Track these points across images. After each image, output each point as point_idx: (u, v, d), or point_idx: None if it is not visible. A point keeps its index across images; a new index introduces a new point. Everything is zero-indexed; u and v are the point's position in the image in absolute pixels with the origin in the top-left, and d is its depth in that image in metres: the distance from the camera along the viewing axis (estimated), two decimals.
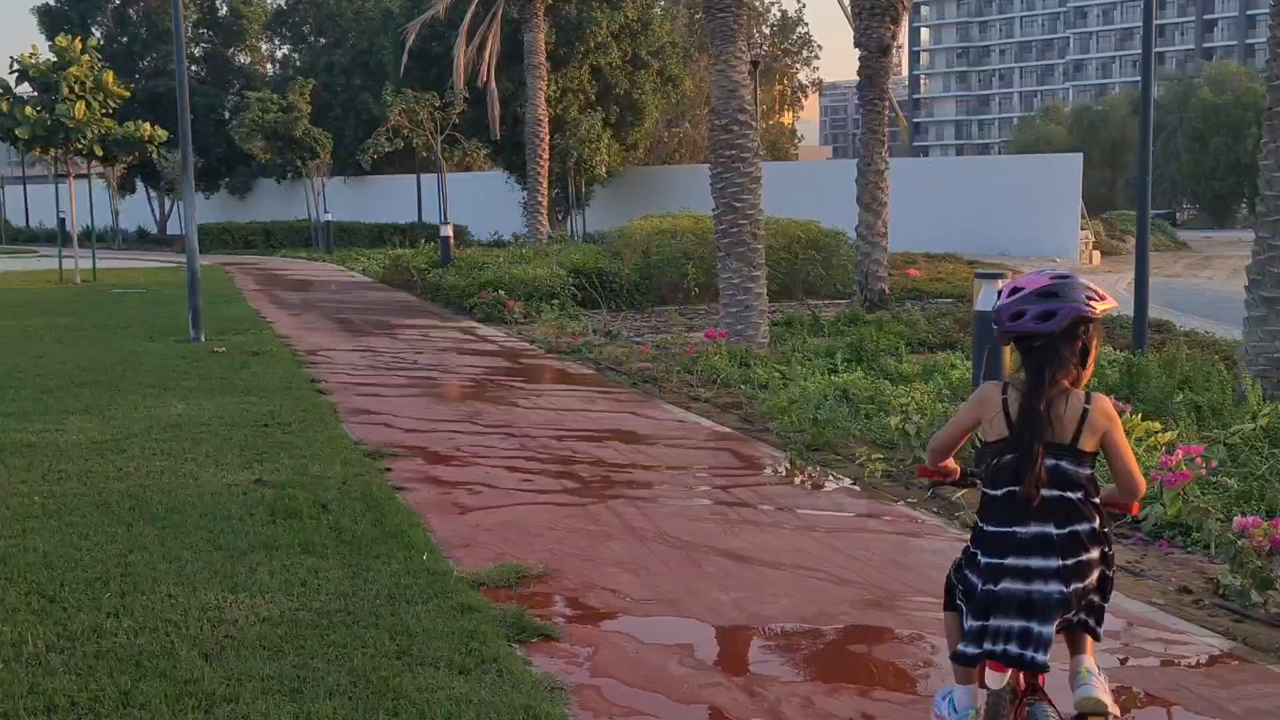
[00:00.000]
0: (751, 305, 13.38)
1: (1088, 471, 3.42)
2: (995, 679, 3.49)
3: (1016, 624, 3.40)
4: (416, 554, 5.99)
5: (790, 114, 69.17)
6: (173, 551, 5.95)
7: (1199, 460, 6.50)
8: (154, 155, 26.22)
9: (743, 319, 13.36)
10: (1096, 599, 3.50)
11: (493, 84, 32.34)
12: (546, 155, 31.27)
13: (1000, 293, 3.52)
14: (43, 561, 5.75)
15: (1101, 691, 3.49)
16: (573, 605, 5.50)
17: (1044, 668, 3.41)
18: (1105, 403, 3.44)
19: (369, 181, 47.76)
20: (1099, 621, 3.55)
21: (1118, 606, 5.47)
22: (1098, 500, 3.46)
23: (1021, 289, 3.42)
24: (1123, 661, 4.91)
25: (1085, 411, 3.40)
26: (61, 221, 28.88)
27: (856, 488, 7.82)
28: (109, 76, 24.46)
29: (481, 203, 41.05)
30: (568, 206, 35.88)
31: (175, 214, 48.04)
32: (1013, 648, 3.40)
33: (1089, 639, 3.58)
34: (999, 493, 3.45)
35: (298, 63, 54.75)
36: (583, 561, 6.12)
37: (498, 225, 38.75)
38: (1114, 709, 3.51)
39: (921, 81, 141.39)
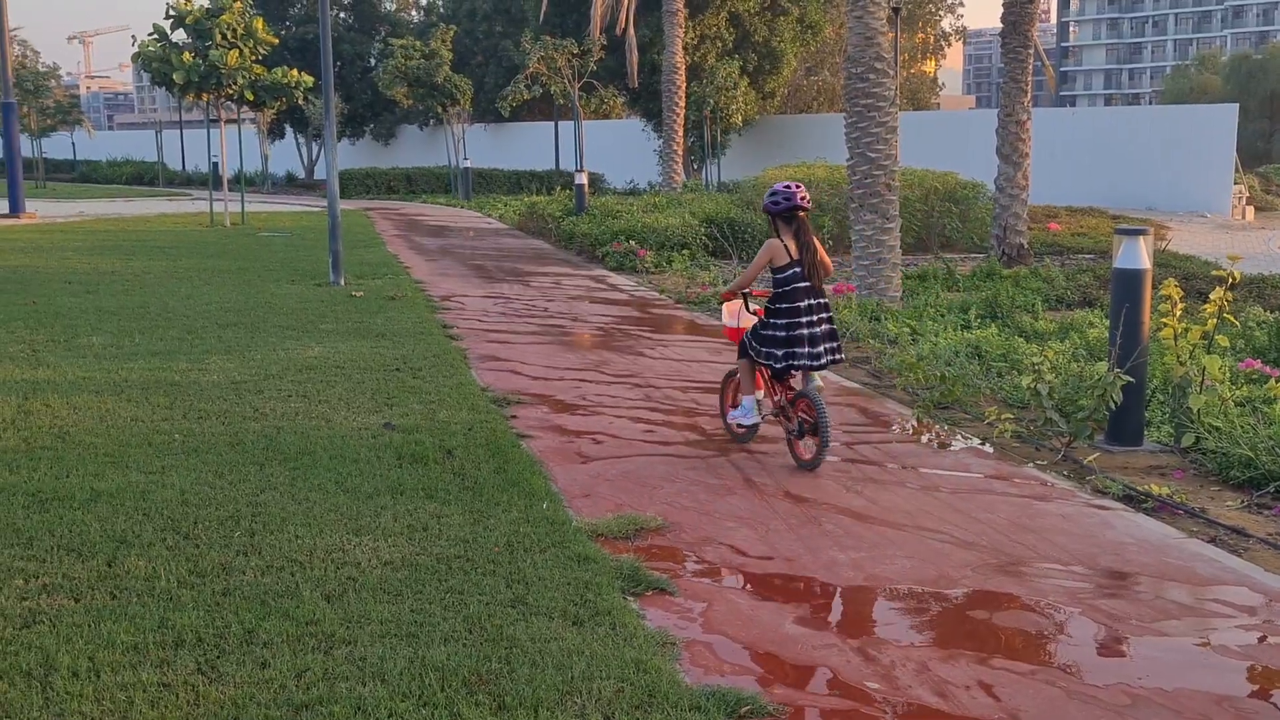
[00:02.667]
0: (884, 258, 13.13)
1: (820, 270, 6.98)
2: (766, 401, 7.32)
3: (807, 349, 6.87)
4: (537, 502, 6.04)
5: (933, 62, 67.54)
6: (301, 492, 6.11)
7: None
8: (300, 101, 26.80)
9: (874, 272, 13.13)
10: (835, 343, 6.99)
11: (631, 31, 32.20)
12: (683, 103, 31.07)
13: (783, 192, 6.88)
14: (179, 499, 5.97)
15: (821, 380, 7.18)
16: (689, 559, 5.49)
17: (823, 367, 6.96)
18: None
19: (508, 128, 48.13)
20: (840, 351, 7.04)
21: (1256, 581, 5.27)
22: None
23: (794, 188, 6.86)
24: (1261, 640, 4.71)
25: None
26: (214, 165, 29.76)
27: (985, 448, 7.65)
28: (259, 23, 25.03)
29: (617, 150, 41.07)
30: (703, 155, 35.64)
31: (322, 159, 49.11)
32: (805, 361, 6.90)
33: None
34: (788, 288, 6.88)
35: (441, 9, 55.26)
36: (701, 515, 6.11)
37: (633, 173, 38.74)
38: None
39: (1070, 28, 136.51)
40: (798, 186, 6.89)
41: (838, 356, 7.00)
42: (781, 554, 5.56)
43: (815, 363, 6.89)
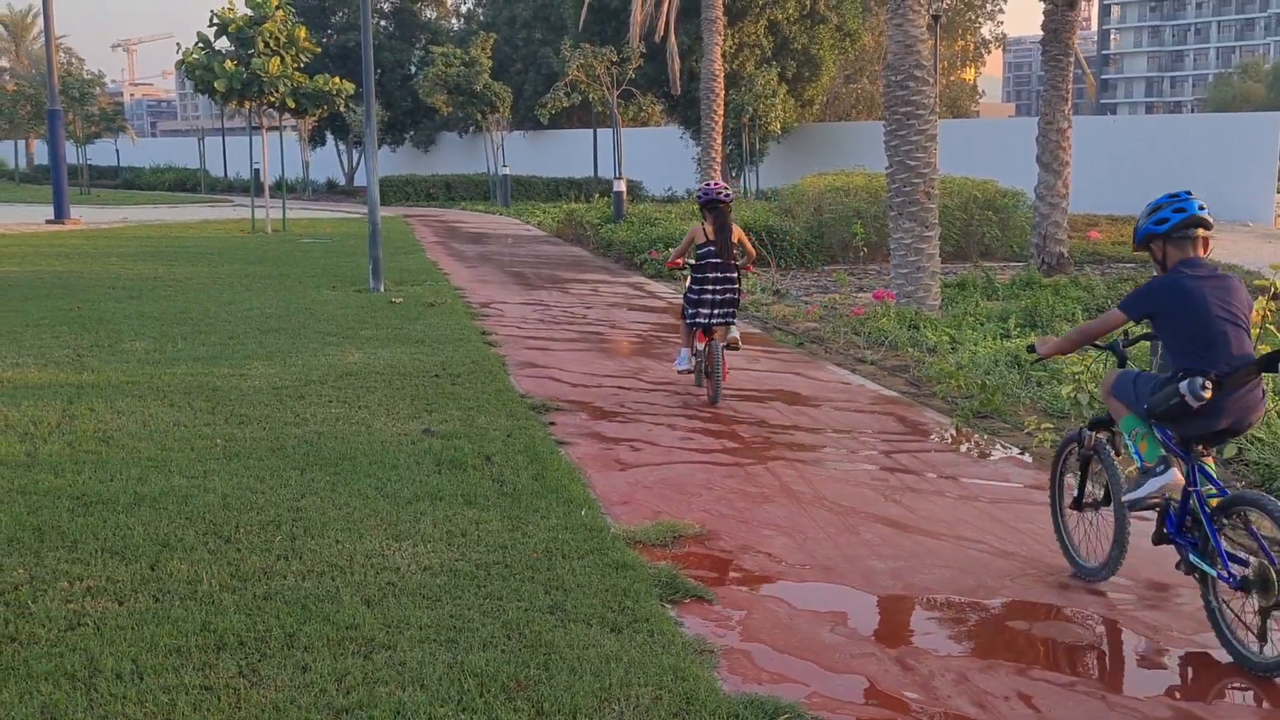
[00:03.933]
0: (923, 266, 13.08)
1: (737, 250, 9.14)
2: (699, 348, 9.27)
3: (716, 311, 9.08)
4: (575, 509, 6.06)
5: (973, 70, 67.20)
6: (342, 498, 6.16)
7: None
8: (341, 108, 26.98)
9: (913, 280, 13.08)
10: (733, 309, 9.15)
11: (673, 38, 32.22)
12: (721, 111, 30.99)
13: (705, 188, 9.12)
14: (221, 503, 6.03)
15: (736, 333, 9.33)
16: (727, 567, 5.49)
17: (714, 325, 9.06)
18: (738, 228, 9.30)
19: (547, 136, 48.28)
20: (734, 316, 9.20)
21: None
22: (738, 264, 9.16)
23: (716, 186, 9.07)
24: None
25: (735, 229, 9.19)
26: (255, 172, 30.00)
27: (1025, 457, 7.61)
28: (301, 32, 25.24)
29: (656, 158, 41.07)
30: (741, 163, 35.61)
31: (362, 166, 49.44)
32: (717, 321, 9.07)
33: (730, 327, 9.28)
34: (705, 262, 9.04)
35: (481, 16, 55.54)
36: (739, 523, 6.11)
37: (671, 181, 38.74)
38: (738, 338, 9.37)
39: (1112, 36, 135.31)
40: (717, 184, 9.16)
41: (730, 320, 9.17)
42: (819, 562, 5.55)
43: (711, 321, 9.06)
